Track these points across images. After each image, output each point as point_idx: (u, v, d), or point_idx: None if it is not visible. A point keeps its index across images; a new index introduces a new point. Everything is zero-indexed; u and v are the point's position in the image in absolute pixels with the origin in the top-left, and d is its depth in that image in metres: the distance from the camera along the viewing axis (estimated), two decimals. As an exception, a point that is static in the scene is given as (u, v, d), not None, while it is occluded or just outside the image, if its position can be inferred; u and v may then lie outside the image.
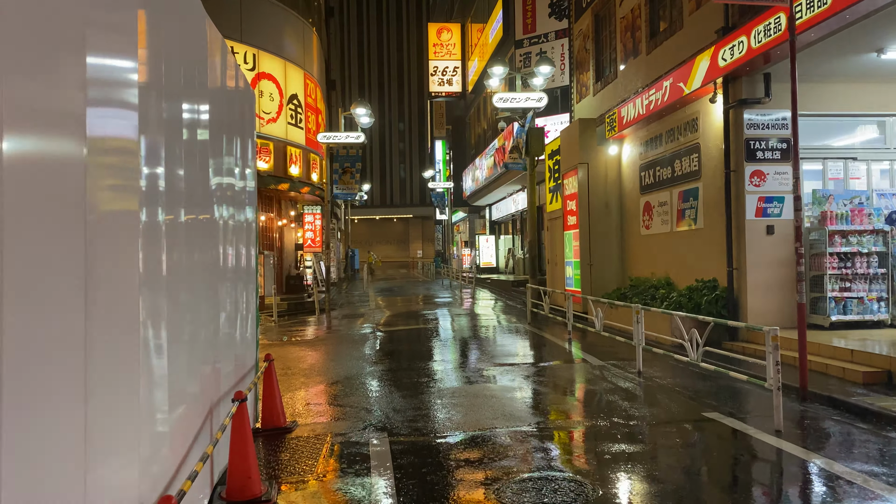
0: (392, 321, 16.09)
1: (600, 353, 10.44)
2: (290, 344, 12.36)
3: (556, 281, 17.88)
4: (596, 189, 15.44)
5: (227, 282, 5.25)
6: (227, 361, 5.26)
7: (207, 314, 4.51)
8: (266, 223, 20.07)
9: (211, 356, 4.63)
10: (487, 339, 12.38)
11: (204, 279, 4.45)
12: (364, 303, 21.95)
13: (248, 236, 6.17)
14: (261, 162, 18.22)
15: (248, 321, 6.29)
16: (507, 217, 32.07)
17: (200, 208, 4.26)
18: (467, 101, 36.71)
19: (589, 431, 6.01)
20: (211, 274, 4.65)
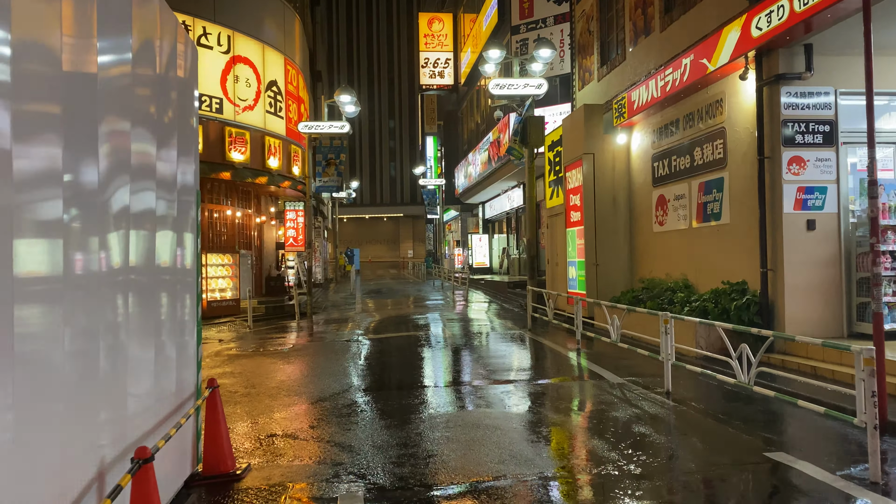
0: (379, 327, 14.65)
1: (615, 366, 9.05)
2: (262, 355, 10.90)
3: (556, 282, 16.50)
4: (602, 182, 14.06)
5: (140, 289, 3.82)
6: (139, 398, 3.82)
7: (94, 334, 3.10)
8: (243, 220, 18.59)
9: (104, 393, 3.21)
10: (485, 350, 10.97)
11: (91, 286, 3.04)
12: (350, 306, 20.49)
13: (180, 229, 4.73)
14: (236, 153, 16.76)
15: (181, 338, 4.85)
16: (502, 215, 30.70)
17: (79, 190, 2.86)
18: (459, 94, 35.33)
19: (625, 482, 4.60)
20: (106, 279, 3.23)
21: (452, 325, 14.51)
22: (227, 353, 11.21)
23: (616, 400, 7.15)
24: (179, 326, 4.80)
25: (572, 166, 14.84)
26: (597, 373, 8.64)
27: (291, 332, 14.26)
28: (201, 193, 15.79)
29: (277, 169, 18.29)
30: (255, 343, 12.52)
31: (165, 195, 4.33)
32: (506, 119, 22.56)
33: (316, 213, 29.46)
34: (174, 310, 4.62)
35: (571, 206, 14.92)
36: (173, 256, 4.51)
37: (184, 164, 4.86)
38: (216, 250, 17.02)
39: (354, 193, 44.39)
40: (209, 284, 16.42)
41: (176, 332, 4.70)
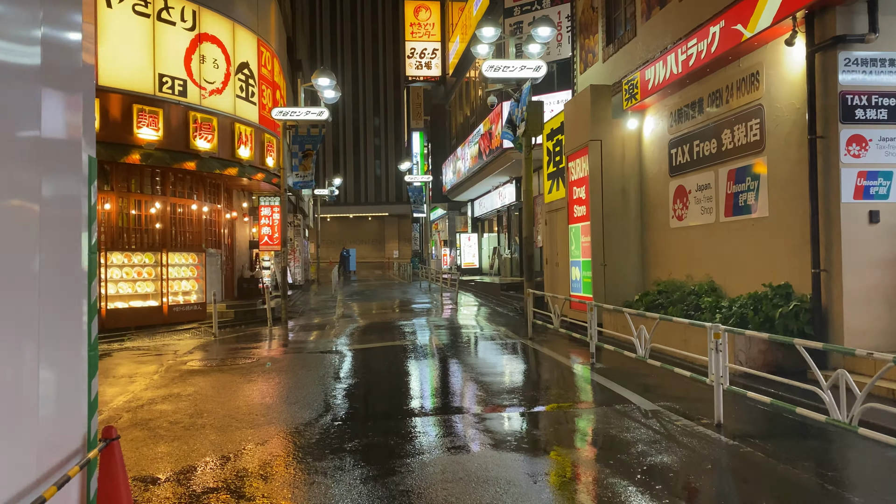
0: (360, 336, 13.05)
1: (642, 387, 7.53)
2: (222, 370, 9.27)
3: (556, 284, 14.98)
4: (611, 172, 12.56)
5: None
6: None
7: None
8: (211, 216, 16.91)
9: None
10: (482, 364, 9.41)
11: None
12: (331, 310, 18.85)
13: (52, 216, 3.10)
14: (202, 141, 15.08)
15: (56, 370, 3.23)
16: (492, 213, 29.18)
17: None
18: (447, 86, 33.77)
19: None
20: None
21: (443, 333, 12.93)
22: (181, 367, 9.57)
23: (655, 435, 5.62)
24: (53, 352, 3.19)
25: (576, 155, 13.32)
26: (622, 396, 7.10)
27: (262, 341, 12.62)
28: (162, 185, 14.02)
29: (249, 159, 16.63)
30: (217, 355, 10.88)
31: (29, 181, 2.72)
32: (498, 109, 21.02)
33: (295, 210, 27.78)
34: (59, 332, 3.02)
35: (575, 200, 13.41)
36: (41, 254, 2.89)
37: (54, 120, 3.22)
38: (179, 249, 15.33)
39: (337, 191, 42.68)
40: (171, 287, 14.73)
41: (49, 361, 3.09)
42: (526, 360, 9.71)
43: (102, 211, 13.90)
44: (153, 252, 14.45)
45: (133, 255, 14.10)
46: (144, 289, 14.28)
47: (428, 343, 11.43)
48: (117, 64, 13.72)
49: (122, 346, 12.21)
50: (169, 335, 13.64)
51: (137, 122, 13.87)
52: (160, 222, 15.09)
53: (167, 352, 11.35)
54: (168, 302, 14.57)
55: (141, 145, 13.94)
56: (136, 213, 14.59)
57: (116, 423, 6.37)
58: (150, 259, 14.36)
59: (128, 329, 13.71)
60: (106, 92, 13.45)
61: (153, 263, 14.41)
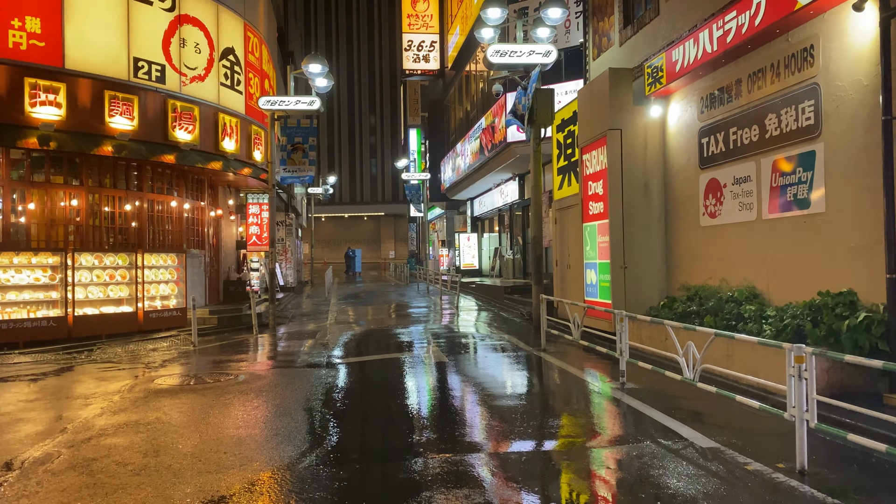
0: (355, 346, 11.83)
1: (689, 415, 6.33)
2: (194, 389, 8.03)
3: (567, 288, 13.78)
4: (632, 165, 11.36)
5: None
6: None
7: None
8: (194, 214, 15.64)
9: None
10: (494, 384, 8.19)
11: None
12: (323, 315, 17.61)
13: None
14: (182, 132, 13.84)
15: None
16: (493, 212, 27.97)
17: None
18: (446, 81, 32.53)
19: None
20: None
21: (445, 344, 11.71)
22: (149, 386, 8.32)
23: (723, 486, 4.40)
24: None
25: (591, 147, 12.12)
26: (668, 427, 5.89)
27: (246, 352, 11.38)
28: (138, 180, 12.67)
29: (234, 153, 15.38)
30: (193, 369, 9.64)
31: None
32: (501, 101, 19.81)
33: (287, 208, 26.52)
34: None
35: (590, 196, 12.20)
36: None
37: None
38: (158, 249, 14.08)
39: (331, 189, 41.41)
40: (146, 291, 13.47)
41: None
42: (543, 379, 8.50)
43: (70, 208, 12.64)
44: (128, 253, 13.19)
45: (105, 257, 12.84)
46: (118, 293, 13.02)
47: (429, 356, 10.19)
48: (87, 46, 12.46)
49: (89, 357, 10.95)
50: (144, 344, 12.39)
51: (110, 111, 12.62)
52: (136, 221, 13.83)
53: (138, 365, 10.10)
54: (144, 308, 13.32)
55: (114, 136, 12.69)
56: (108, 211, 13.33)
57: (51, 465, 5.14)
58: (123, 261, 13.10)
59: (98, 338, 12.45)
60: (73, 76, 12.20)
61: (127, 265, 13.15)
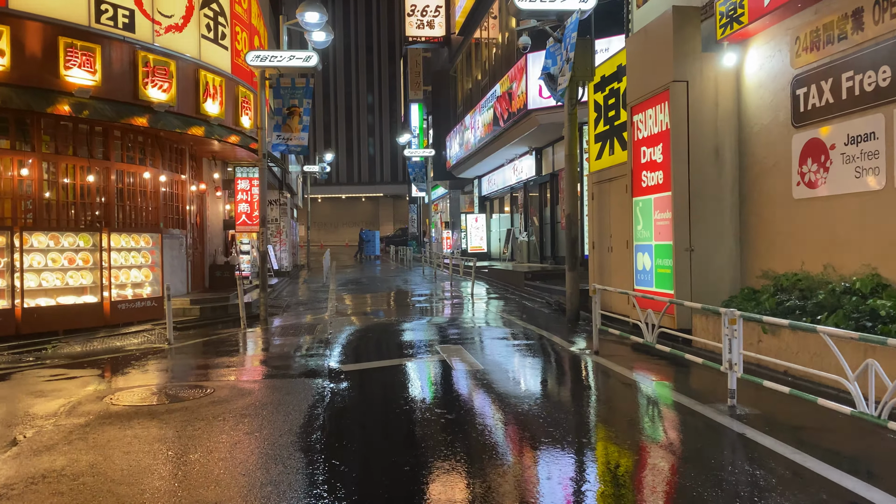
0: (359, 347, 9.83)
1: (852, 462, 4.35)
2: (150, 414, 6.02)
3: (608, 274, 11.81)
4: (700, 125, 9.32)
5: None
6: None
7: None
8: (172, 188, 13.56)
9: None
10: (543, 404, 6.20)
11: None
12: (321, 305, 15.61)
13: None
14: (155, 90, 11.75)
15: None
16: (504, 191, 25.91)
17: None
18: (452, 49, 30.31)
19: None
20: None
21: (473, 344, 9.70)
22: (97, 406, 6.31)
23: None
24: None
25: (646, 104, 10.06)
26: (845, 488, 3.90)
27: (230, 353, 9.38)
28: (104, 147, 10.13)
29: (218, 117, 13.27)
30: (162, 378, 7.64)
31: None
32: (521, 63, 17.70)
33: (281, 186, 24.42)
34: None
35: (644, 165, 10.16)
36: None
37: None
38: (128, 229, 12.04)
39: (328, 168, 39.23)
40: (115, 278, 11.44)
41: None
42: (613, 398, 6.51)
43: (18, 178, 10.57)
44: (91, 232, 11.14)
45: (63, 237, 10.79)
46: (79, 280, 10.98)
47: (454, 362, 8.18)
48: (36, -18, 10.32)
49: (38, 360, 8.94)
50: (109, 341, 10.37)
51: (66, 62, 10.50)
52: (103, 195, 11.76)
53: (94, 371, 8.09)
54: (111, 297, 11.29)
55: (71, 91, 10.59)
56: (68, 183, 11.25)
57: None
58: (86, 242, 11.05)
59: (54, 334, 10.43)
60: (19, 18, 10.07)
61: (91, 247, 11.10)
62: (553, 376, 7.54)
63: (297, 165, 32.72)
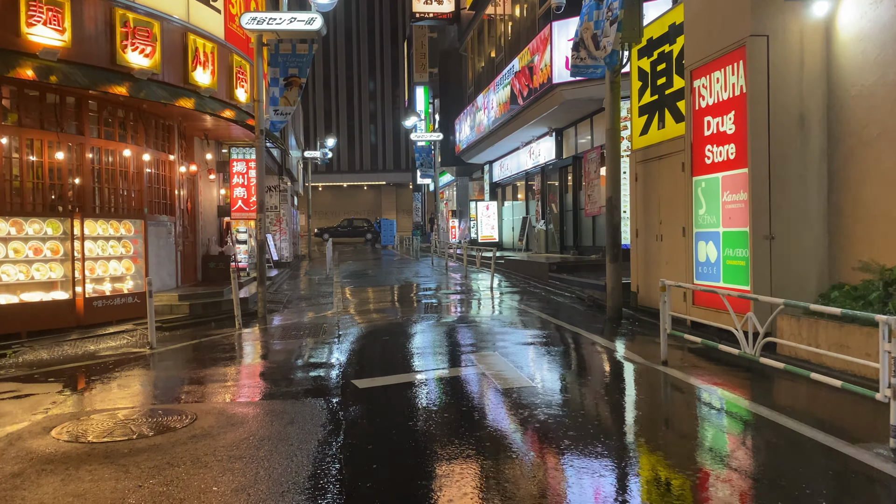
0: (373, 355, 8.34)
1: None
2: (102, 458, 4.52)
3: (655, 266, 10.32)
4: (783, 88, 7.79)
5: None
6: None
7: None
8: (158, 169, 12.03)
9: None
10: (643, 450, 4.72)
11: None
12: (325, 300, 14.11)
13: None
14: (136, 55, 10.21)
15: None
16: (518, 176, 24.35)
17: None
18: (462, 26, 28.68)
19: None
20: None
21: (503, 350, 8.20)
22: (40, 445, 4.82)
23: None
24: None
25: (714, 66, 8.52)
26: None
27: (221, 363, 7.88)
28: (77, 120, 8.43)
29: (210, 87, 11.72)
30: (131, 399, 6.14)
31: None
32: (544, 34, 16.11)
33: (281, 171, 22.88)
34: None
35: (709, 137, 8.63)
36: None
37: None
38: (106, 214, 10.52)
39: (330, 153, 37.63)
40: (90, 271, 9.94)
41: None
42: (733, 441, 5.01)
43: (-27, 154, 9.05)
44: (61, 218, 9.64)
45: (27, 223, 9.28)
46: (46, 274, 9.47)
47: (491, 379, 6.65)
48: (-8, -78, 8.74)
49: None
50: (82, 345, 8.89)
51: (28, 18, 8.95)
52: (76, 176, 10.24)
53: (53, 387, 6.60)
54: (86, 293, 9.79)
55: (35, 53, 9.04)
56: (34, 161, 9.72)
57: None
58: (55, 229, 9.54)
59: (16, 337, 8.93)
60: (-30, -37, 8.51)
61: (60, 235, 9.60)
62: (628, 400, 6.04)
63: (297, 151, 31.17)
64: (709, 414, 5.38)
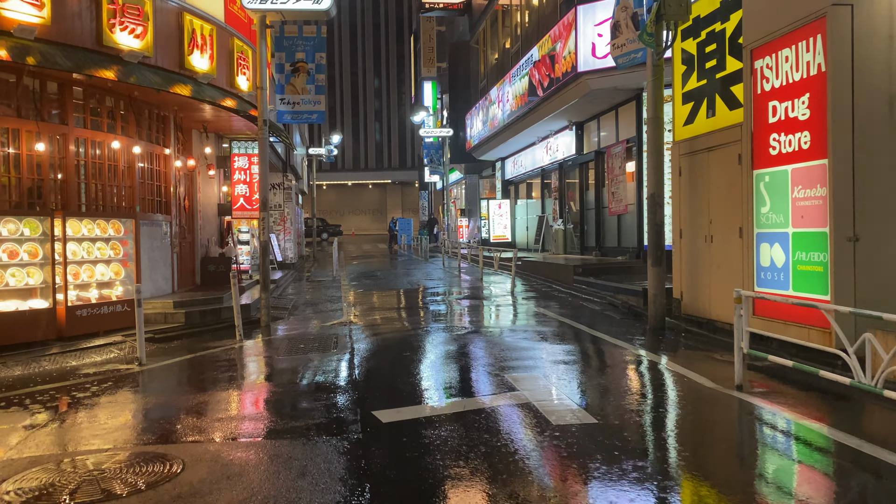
0: (391, 376, 7.27)
1: None
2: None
3: (703, 269, 9.25)
4: (868, 66, 6.72)
5: None
6: None
7: None
8: (152, 163, 11.00)
9: None
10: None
11: None
12: (334, 306, 13.07)
13: None
14: (125, 36, 9.17)
15: None
16: (533, 173, 23.27)
17: None
18: (473, 17, 27.60)
19: None
20: None
21: (543, 369, 7.15)
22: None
23: None
24: None
25: (780, 43, 7.44)
26: None
27: (217, 386, 6.83)
28: (60, 108, 7.71)
29: (208, 73, 10.68)
30: (106, 438, 5.09)
31: None
32: (568, 18, 15.04)
33: (285, 168, 21.84)
34: None
35: (776, 125, 7.55)
36: None
37: None
38: (92, 213, 9.49)
39: (335, 150, 36.58)
40: (74, 276, 8.91)
41: None
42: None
43: (-61, 144, 8.02)
44: (39, 217, 8.60)
45: (1, 223, 8.25)
46: (23, 279, 8.44)
47: (538, 409, 5.56)
48: None
49: (-49, 393, 6.41)
50: (62, 361, 7.85)
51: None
52: (60, 170, 9.20)
53: (15, 419, 5.56)
54: (68, 301, 8.75)
55: (8, 30, 8.00)
56: (10, 153, 8.68)
57: None
58: (33, 229, 8.51)
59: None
60: (-67, -73, 7.46)
61: (39, 236, 8.57)
62: (722, 446, 4.97)
63: (302, 148, 30.14)
64: (842, 467, 4.31)
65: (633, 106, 15.09)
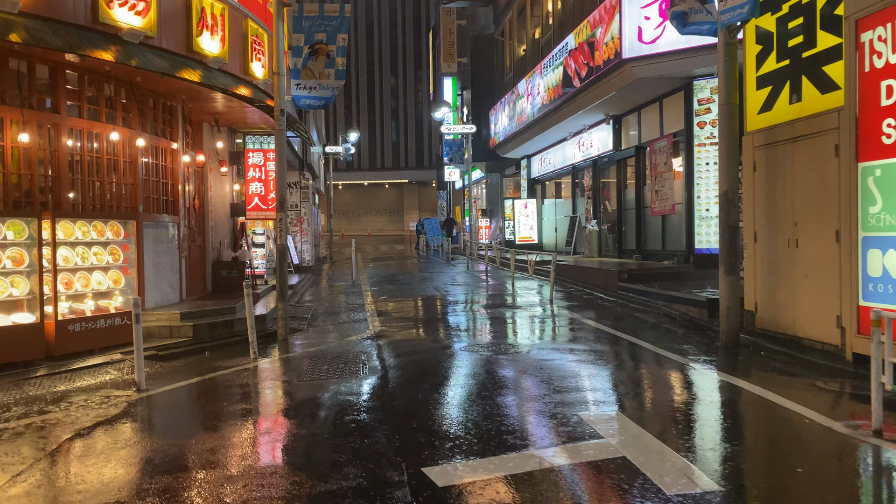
0: (436, 413, 6.07)
1: None
2: None
3: (784, 278, 8.02)
4: None
5: None
6: None
7: None
8: (157, 157, 9.91)
9: None
10: None
11: None
12: (356, 316, 11.92)
13: None
14: (125, 12, 8.09)
15: None
16: (563, 171, 22.03)
17: None
18: (498, 7, 26.39)
19: None
20: None
21: (625, 407, 5.97)
22: None
23: None
24: None
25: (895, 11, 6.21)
26: None
27: (227, 423, 5.71)
28: (52, 95, 7.89)
29: (219, 58, 9.58)
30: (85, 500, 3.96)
31: None
32: (611, 1, 13.80)
33: (302, 166, 20.77)
34: None
35: (889, 109, 6.32)
36: None
37: None
38: (87, 214, 8.41)
39: (353, 148, 35.50)
40: (67, 286, 7.83)
41: None
42: None
43: None
44: (25, 219, 7.53)
45: (-19, 226, 7.18)
46: (6, 290, 7.37)
47: (652, 480, 4.39)
48: None
49: None
50: (49, 385, 6.77)
51: (-20, -43, 6.83)
52: (49, 165, 8.13)
53: (-23, 468, 4.45)
54: (59, 314, 7.67)
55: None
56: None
57: None
58: (17, 232, 7.44)
59: (-36, 374, 6.83)
60: None
61: (25, 241, 7.50)
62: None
63: (318, 147, 29.08)
64: None
65: (681, 96, 13.84)
